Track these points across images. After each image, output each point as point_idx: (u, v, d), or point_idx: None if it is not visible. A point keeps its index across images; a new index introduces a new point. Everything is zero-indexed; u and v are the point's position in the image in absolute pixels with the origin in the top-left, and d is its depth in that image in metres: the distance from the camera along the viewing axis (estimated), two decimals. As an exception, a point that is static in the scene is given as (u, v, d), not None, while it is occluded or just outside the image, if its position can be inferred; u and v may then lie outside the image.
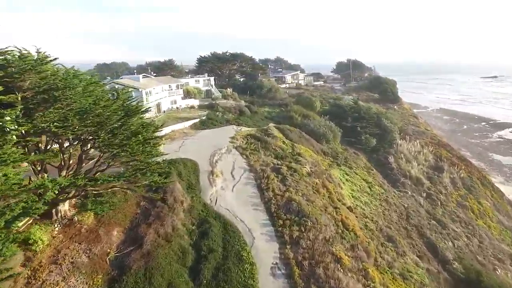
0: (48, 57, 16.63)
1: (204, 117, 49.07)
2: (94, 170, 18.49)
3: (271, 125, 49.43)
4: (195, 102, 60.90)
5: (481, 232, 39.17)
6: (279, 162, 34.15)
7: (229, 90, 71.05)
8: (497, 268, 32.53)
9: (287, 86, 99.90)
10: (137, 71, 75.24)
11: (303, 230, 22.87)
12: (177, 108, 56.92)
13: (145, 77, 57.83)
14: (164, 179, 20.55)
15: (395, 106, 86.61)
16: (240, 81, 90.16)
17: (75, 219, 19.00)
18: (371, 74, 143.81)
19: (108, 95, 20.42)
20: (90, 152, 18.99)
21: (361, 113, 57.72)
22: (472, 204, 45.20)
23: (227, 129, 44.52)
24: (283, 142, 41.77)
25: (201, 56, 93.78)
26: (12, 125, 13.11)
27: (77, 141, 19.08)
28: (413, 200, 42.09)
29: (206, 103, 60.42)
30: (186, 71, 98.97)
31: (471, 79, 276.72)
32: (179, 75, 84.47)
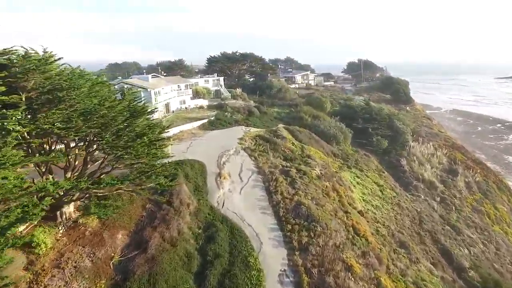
0: (53, 57, 16.27)
1: (213, 118, 48.63)
2: (99, 172, 18.11)
3: (281, 126, 48.72)
4: (204, 102, 60.59)
5: (498, 239, 37.84)
6: (288, 164, 33.42)
7: (239, 90, 70.47)
8: (516, 277, 31.29)
9: (297, 87, 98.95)
10: (148, 71, 75.32)
11: (313, 236, 22.13)
12: (186, 108, 56.66)
13: (155, 77, 57.71)
14: (170, 182, 20.09)
15: (408, 107, 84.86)
16: (250, 81, 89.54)
17: (80, 222, 18.70)
18: (383, 75, 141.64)
19: (114, 96, 20.04)
20: (95, 154, 18.63)
21: (373, 114, 56.60)
22: (488, 209, 43.75)
23: (236, 130, 43.96)
24: (293, 144, 41.03)
25: (211, 56, 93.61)
26: (14, 126, 12.72)
27: (83, 142, 18.78)
28: (426, 204, 40.89)
29: (215, 103, 60.00)
30: (196, 71, 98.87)
31: (485, 80, 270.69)
32: (189, 75, 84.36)
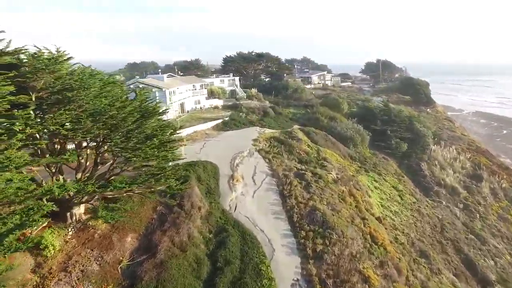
0: (62, 56, 15.96)
1: (227, 118, 48.10)
2: (108, 174, 17.75)
3: (296, 127, 47.74)
4: (219, 102, 60.23)
5: (527, 250, 35.67)
6: (303, 167, 32.47)
7: (254, 90, 69.78)
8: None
9: (313, 87, 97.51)
10: (165, 71, 75.63)
11: (328, 244, 21.17)
12: (201, 108, 56.42)
13: (170, 77, 57.76)
14: (181, 185, 19.54)
15: (428, 109, 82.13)
16: (265, 81, 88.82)
17: (89, 224, 18.39)
18: (402, 75, 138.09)
19: (126, 96, 19.65)
20: (106, 155, 18.28)
21: (392, 116, 54.92)
22: (515, 218, 41.44)
23: (250, 131, 43.27)
24: (308, 146, 40.01)
25: (227, 56, 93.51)
26: (20, 127, 12.40)
27: (95, 143, 18.48)
28: (448, 211, 39.09)
29: (230, 103, 59.53)
30: (212, 71, 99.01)
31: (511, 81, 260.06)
32: (205, 75, 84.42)
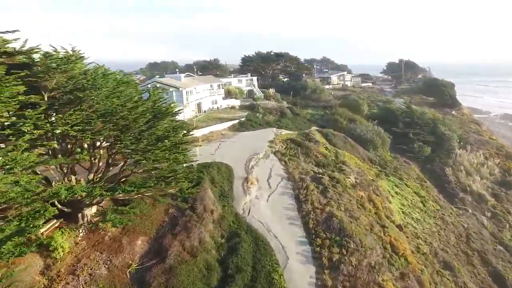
0: (75, 56, 15.73)
1: (244, 119, 47.55)
2: (119, 176, 17.44)
3: (314, 129, 46.63)
4: (236, 103, 59.77)
5: (561, 264, 33.19)
6: (321, 171, 31.42)
7: (272, 91, 68.89)
8: None
9: (333, 87, 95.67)
10: (184, 70, 75.90)
11: (345, 253, 20.13)
12: (218, 108, 56.16)
13: (188, 76, 57.77)
14: (193, 188, 19.03)
15: (453, 111, 78.77)
16: (284, 81, 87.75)
17: (100, 225, 18.14)
18: (425, 76, 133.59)
19: (140, 96, 19.31)
20: (117, 157, 17.99)
21: (414, 118, 52.88)
22: (548, 229, 38.75)
23: (267, 132, 42.53)
24: (326, 148, 38.86)
25: (245, 56, 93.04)
26: (28, 127, 12.14)
27: (108, 143, 18.24)
28: (475, 220, 37.00)
29: (247, 104, 58.97)
30: (231, 71, 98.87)
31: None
32: (224, 75, 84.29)
